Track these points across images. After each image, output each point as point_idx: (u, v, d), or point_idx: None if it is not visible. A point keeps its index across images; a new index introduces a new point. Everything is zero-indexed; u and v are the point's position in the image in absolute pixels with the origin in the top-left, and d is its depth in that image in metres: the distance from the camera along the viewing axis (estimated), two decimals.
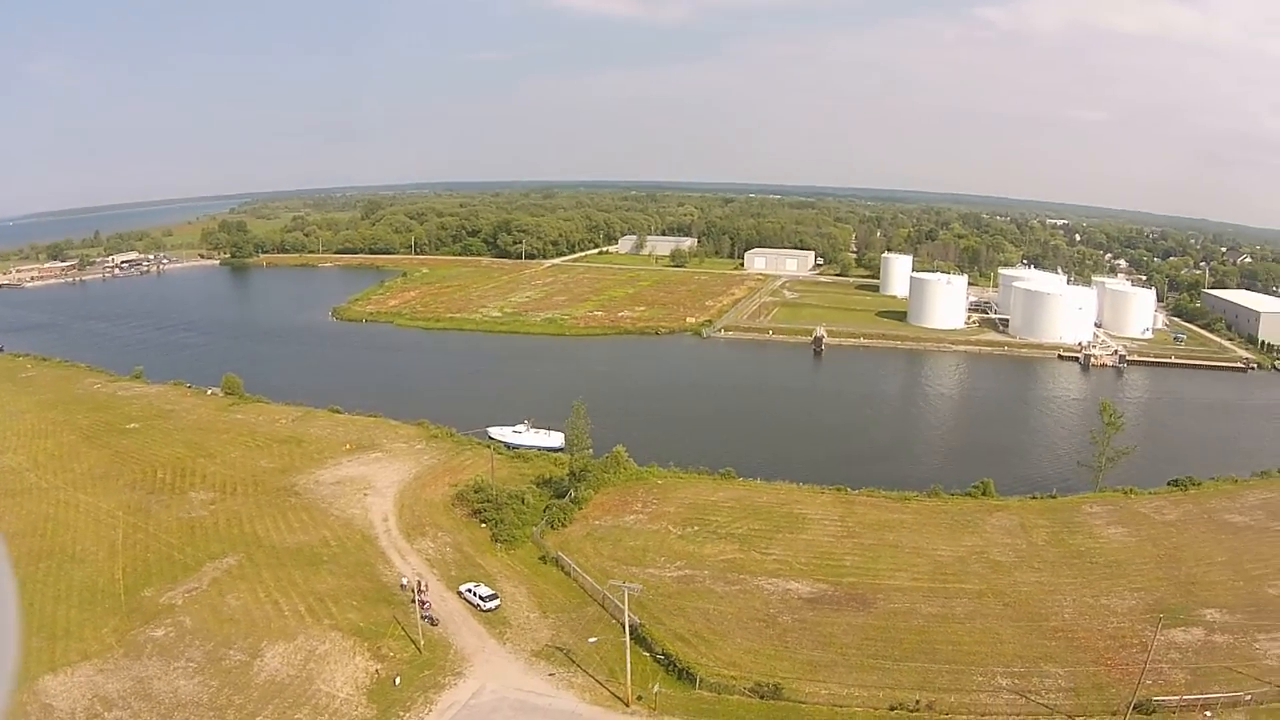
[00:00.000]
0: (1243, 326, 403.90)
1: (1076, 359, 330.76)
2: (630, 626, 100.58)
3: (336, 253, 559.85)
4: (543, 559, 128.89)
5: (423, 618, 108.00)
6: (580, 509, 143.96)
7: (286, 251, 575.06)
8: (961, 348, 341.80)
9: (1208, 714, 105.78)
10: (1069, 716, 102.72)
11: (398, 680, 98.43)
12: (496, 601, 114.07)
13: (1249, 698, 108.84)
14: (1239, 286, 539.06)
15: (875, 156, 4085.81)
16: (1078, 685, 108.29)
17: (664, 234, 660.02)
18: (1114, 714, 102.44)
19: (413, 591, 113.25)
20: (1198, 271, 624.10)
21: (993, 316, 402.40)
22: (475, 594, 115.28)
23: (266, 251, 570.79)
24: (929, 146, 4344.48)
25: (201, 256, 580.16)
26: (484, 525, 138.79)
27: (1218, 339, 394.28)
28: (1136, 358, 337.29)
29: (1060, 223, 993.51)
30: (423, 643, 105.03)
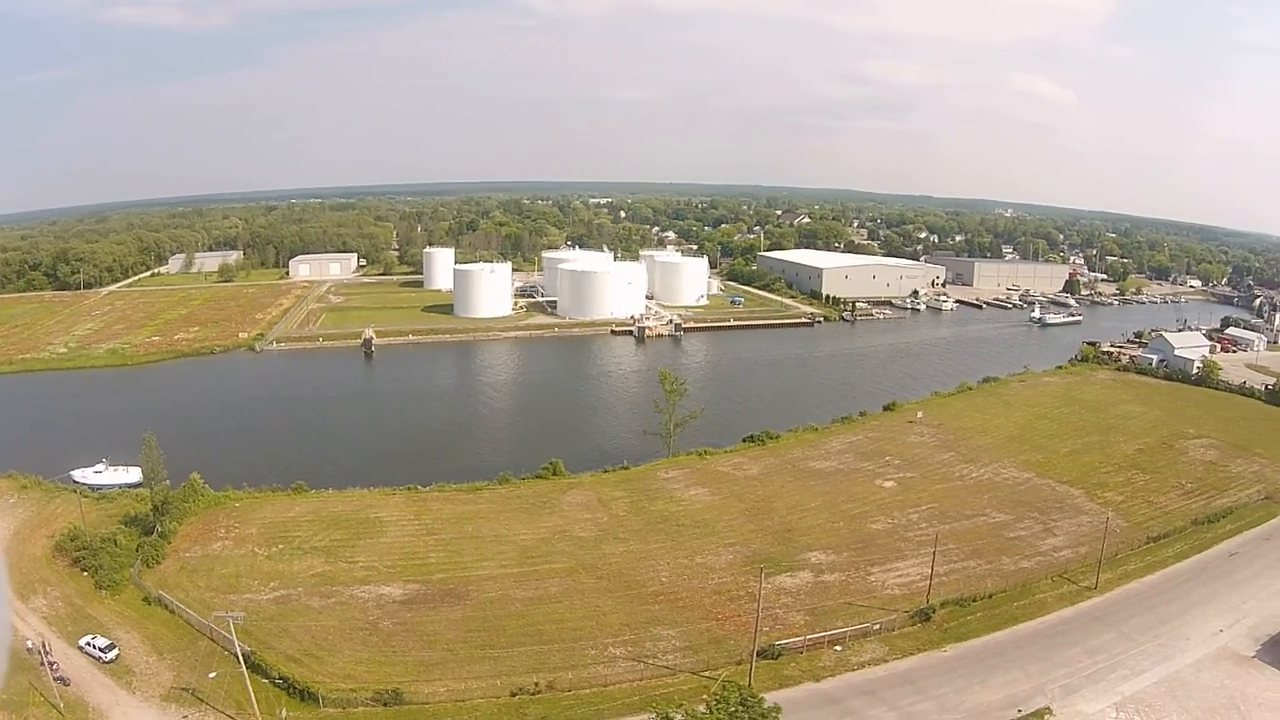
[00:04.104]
0: (805, 283, 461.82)
1: (631, 332, 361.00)
2: (243, 655, 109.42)
3: None
4: (146, 600, 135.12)
5: (55, 679, 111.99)
6: (169, 543, 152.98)
7: None
8: (512, 334, 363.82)
9: (838, 649, 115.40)
10: (693, 673, 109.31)
11: None
12: (115, 651, 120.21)
13: (878, 626, 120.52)
14: (798, 246, 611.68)
15: (418, 150, 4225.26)
16: (693, 643, 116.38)
17: (211, 249, 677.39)
18: (739, 664, 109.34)
19: (39, 654, 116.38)
20: (752, 236, 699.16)
21: (540, 300, 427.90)
22: (95, 646, 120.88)
23: None
24: (472, 137, 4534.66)
25: None
26: (86, 573, 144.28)
27: (779, 298, 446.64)
28: (693, 325, 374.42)
29: (604, 201, 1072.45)
30: (62, 705, 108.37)
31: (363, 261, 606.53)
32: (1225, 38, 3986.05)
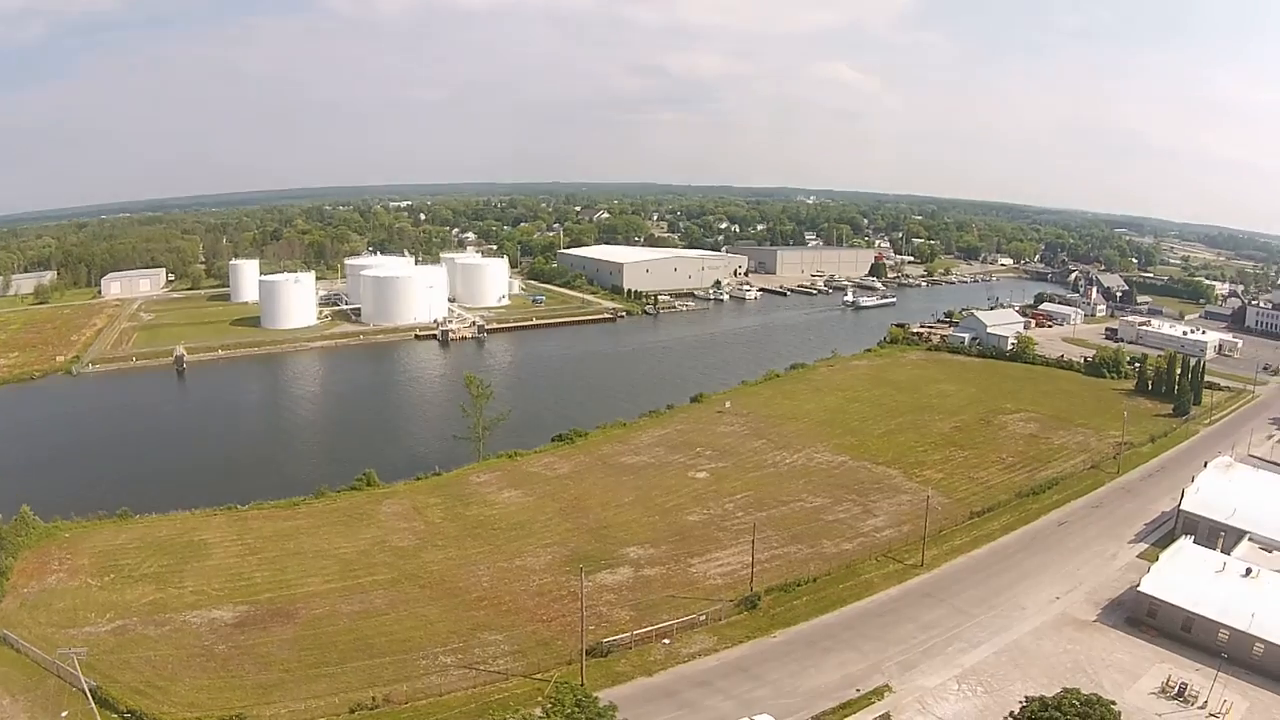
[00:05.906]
0: (606, 279, 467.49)
1: (435, 336, 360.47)
2: (90, 691, 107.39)
3: None
4: None
5: None
6: (8, 579, 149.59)
7: None
8: (318, 344, 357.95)
9: (666, 642, 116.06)
10: (525, 676, 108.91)
11: None
12: None
13: (704, 617, 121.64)
14: (598, 242, 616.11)
15: (223, 159, 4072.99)
16: (521, 646, 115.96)
17: (27, 270, 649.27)
18: (569, 664, 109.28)
19: None
20: (551, 234, 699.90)
21: (345, 308, 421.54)
22: None
23: None
24: (275, 143, 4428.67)
25: None
26: None
27: (581, 295, 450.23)
28: (496, 326, 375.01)
29: (404, 205, 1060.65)
30: None
31: (171, 276, 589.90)
32: (1034, 21, 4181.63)
